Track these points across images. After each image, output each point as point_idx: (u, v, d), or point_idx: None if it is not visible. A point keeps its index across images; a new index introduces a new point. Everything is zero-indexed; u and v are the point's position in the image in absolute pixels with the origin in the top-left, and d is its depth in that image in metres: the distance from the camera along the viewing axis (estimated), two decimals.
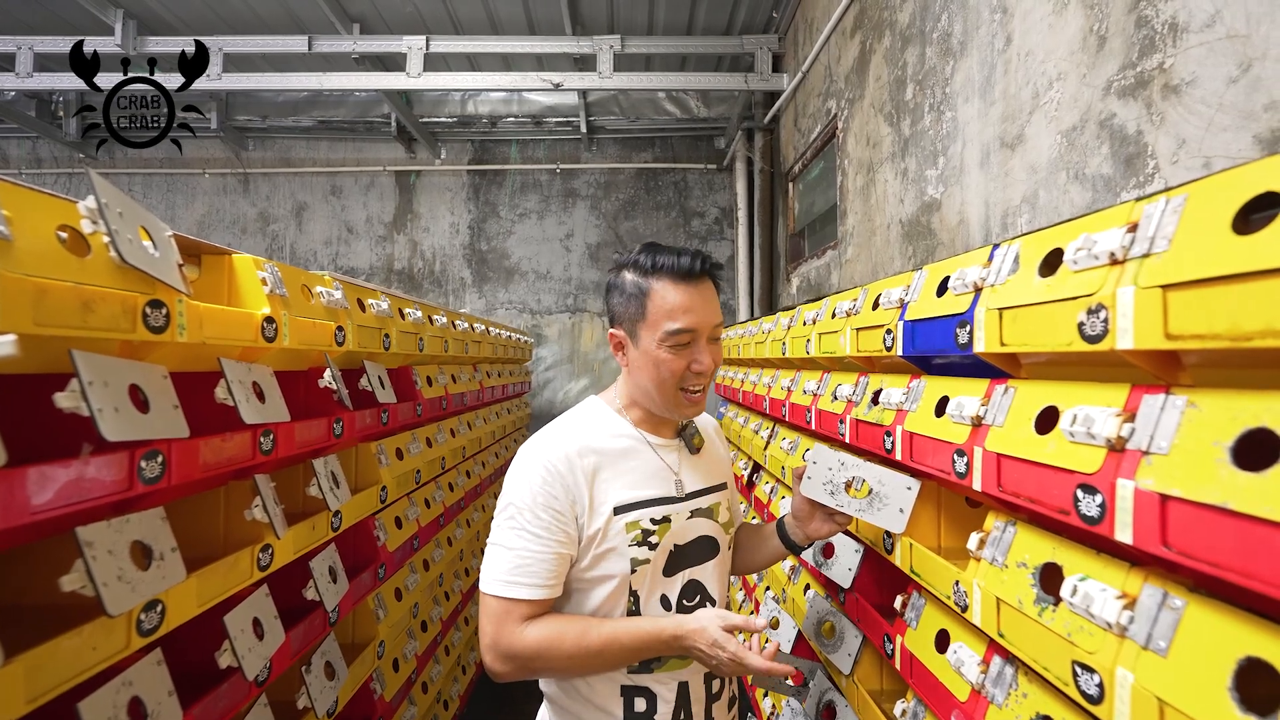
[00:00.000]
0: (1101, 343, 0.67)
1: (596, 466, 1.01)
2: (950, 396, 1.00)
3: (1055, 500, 0.73)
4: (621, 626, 0.98)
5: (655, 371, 1.02)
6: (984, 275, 0.93)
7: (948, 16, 1.88)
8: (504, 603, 0.95)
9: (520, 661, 0.95)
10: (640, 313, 1.02)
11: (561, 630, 0.96)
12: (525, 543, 0.96)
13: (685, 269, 1.01)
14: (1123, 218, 0.68)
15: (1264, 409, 0.53)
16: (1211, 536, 0.55)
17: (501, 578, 0.96)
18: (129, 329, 0.79)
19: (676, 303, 1.00)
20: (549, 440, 1.03)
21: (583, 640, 0.95)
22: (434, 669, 2.14)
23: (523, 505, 0.97)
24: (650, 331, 1.01)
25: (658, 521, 1.04)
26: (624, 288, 1.04)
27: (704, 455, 1.16)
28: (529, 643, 0.94)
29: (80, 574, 0.69)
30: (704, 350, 1.02)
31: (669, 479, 1.07)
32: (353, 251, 5.17)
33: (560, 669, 0.99)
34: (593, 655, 0.96)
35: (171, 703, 0.86)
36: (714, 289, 1.06)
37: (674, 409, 1.06)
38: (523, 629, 0.95)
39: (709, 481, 1.14)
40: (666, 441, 1.11)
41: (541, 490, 0.97)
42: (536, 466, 0.99)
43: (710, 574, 1.10)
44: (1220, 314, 0.55)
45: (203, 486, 1.08)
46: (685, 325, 0.99)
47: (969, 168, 1.78)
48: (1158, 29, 1.14)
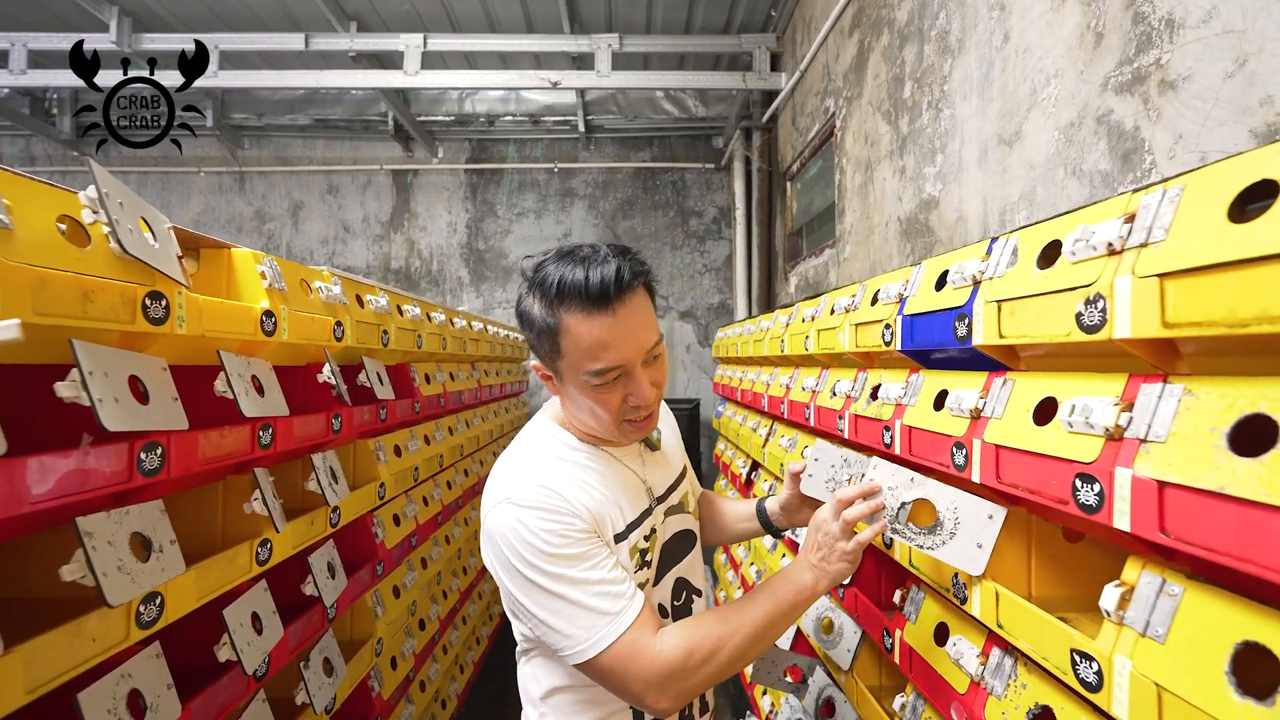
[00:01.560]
0: (1100, 332, 0.67)
1: (577, 497, 0.88)
2: (949, 390, 1.00)
3: (1054, 490, 0.74)
4: (761, 591, 0.89)
5: (588, 410, 0.88)
6: (982, 268, 0.93)
7: (946, 14, 1.89)
8: (623, 640, 0.80)
9: (680, 673, 0.81)
10: (555, 350, 0.85)
11: (696, 622, 0.87)
12: (587, 571, 0.82)
13: (597, 293, 0.80)
14: (1120, 209, 0.69)
15: (1260, 395, 0.53)
16: (1209, 522, 0.55)
17: (598, 623, 0.80)
18: (128, 320, 0.79)
19: (593, 339, 0.82)
20: (519, 482, 0.87)
21: (729, 618, 0.86)
22: (432, 668, 2.14)
23: (552, 548, 0.82)
24: (571, 372, 0.85)
25: (648, 537, 0.95)
26: (533, 321, 0.86)
27: (663, 446, 1.08)
28: (675, 648, 0.82)
29: (80, 564, 0.69)
30: (640, 381, 0.86)
31: (641, 489, 0.98)
32: (349, 251, 5.16)
33: (721, 660, 0.84)
34: (750, 625, 0.85)
35: (170, 696, 0.86)
36: (645, 299, 0.87)
37: (620, 438, 0.93)
38: (659, 642, 0.82)
39: (673, 474, 1.07)
40: (625, 450, 1.00)
41: (555, 523, 0.83)
42: (530, 511, 0.83)
43: (691, 567, 1.05)
44: (1217, 301, 0.55)
45: (201, 480, 1.07)
46: (609, 364, 0.83)
47: (967, 165, 1.78)
48: (1154, 25, 1.15)
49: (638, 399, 0.86)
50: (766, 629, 0.87)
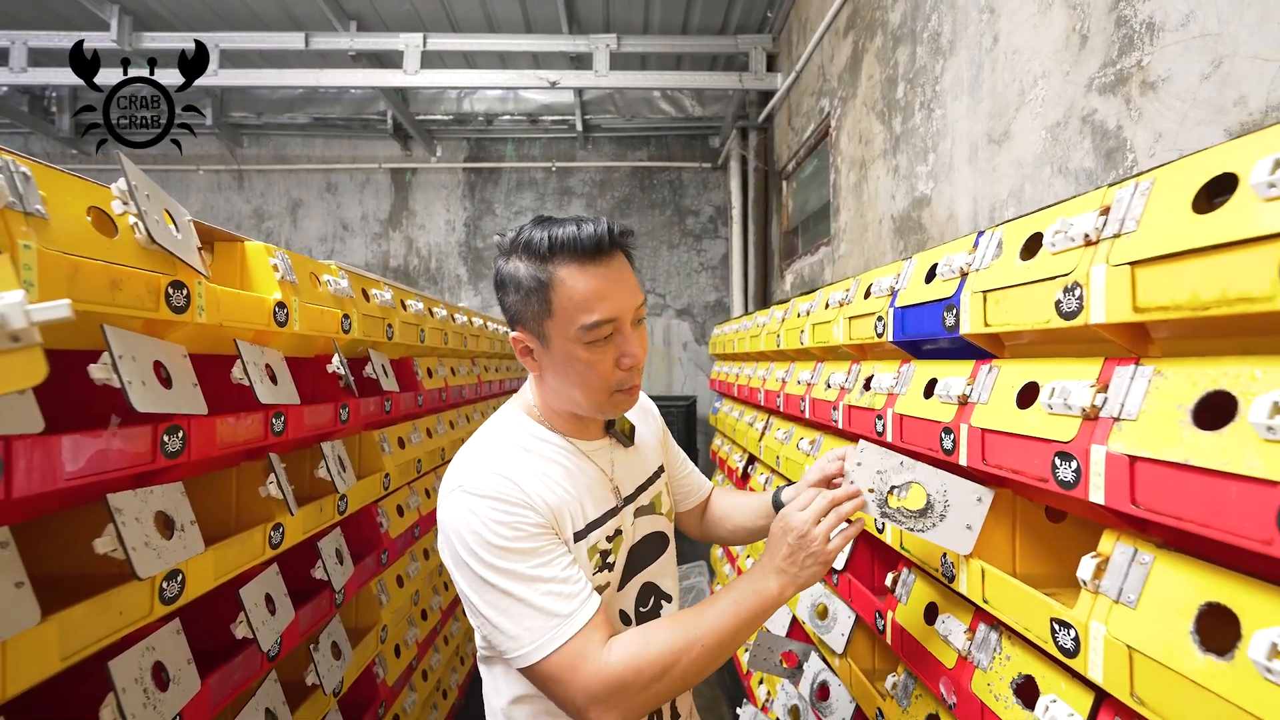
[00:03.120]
0: (1077, 318, 0.72)
1: (537, 490, 0.83)
2: (938, 378, 1.04)
3: (1035, 469, 0.78)
4: (722, 600, 0.83)
5: (577, 375, 0.84)
6: (969, 261, 0.97)
7: (938, 17, 1.93)
8: (569, 646, 0.75)
9: (627, 688, 0.75)
10: (544, 309, 0.81)
11: (648, 631, 0.80)
12: (538, 569, 0.78)
13: (591, 244, 0.80)
14: (1096, 202, 0.73)
15: (1221, 373, 0.58)
16: (1175, 492, 0.59)
17: (544, 625, 0.76)
18: (153, 308, 0.82)
19: (588, 289, 0.80)
20: (482, 463, 0.84)
21: (685, 628, 0.79)
22: (434, 657, 2.17)
23: (503, 541, 0.77)
24: (561, 330, 0.81)
25: (611, 538, 0.90)
26: (519, 281, 0.83)
27: (638, 442, 1.02)
28: (623, 661, 0.76)
29: (111, 538, 0.72)
30: (631, 339, 0.84)
31: (607, 487, 0.93)
32: (348, 249, 5.18)
33: (674, 677, 0.78)
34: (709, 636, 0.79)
35: (190, 670, 0.89)
36: (628, 263, 0.87)
37: (606, 411, 0.89)
38: (607, 652, 0.76)
39: (645, 474, 1.01)
40: (596, 443, 0.95)
41: (508, 515, 0.79)
42: (488, 500, 0.79)
43: (661, 570, 0.99)
44: (1182, 286, 0.60)
45: (217, 465, 1.11)
46: (604, 316, 0.80)
47: (958, 164, 1.83)
48: (1136, 28, 1.19)
49: (631, 358, 0.84)
50: (727, 641, 0.80)
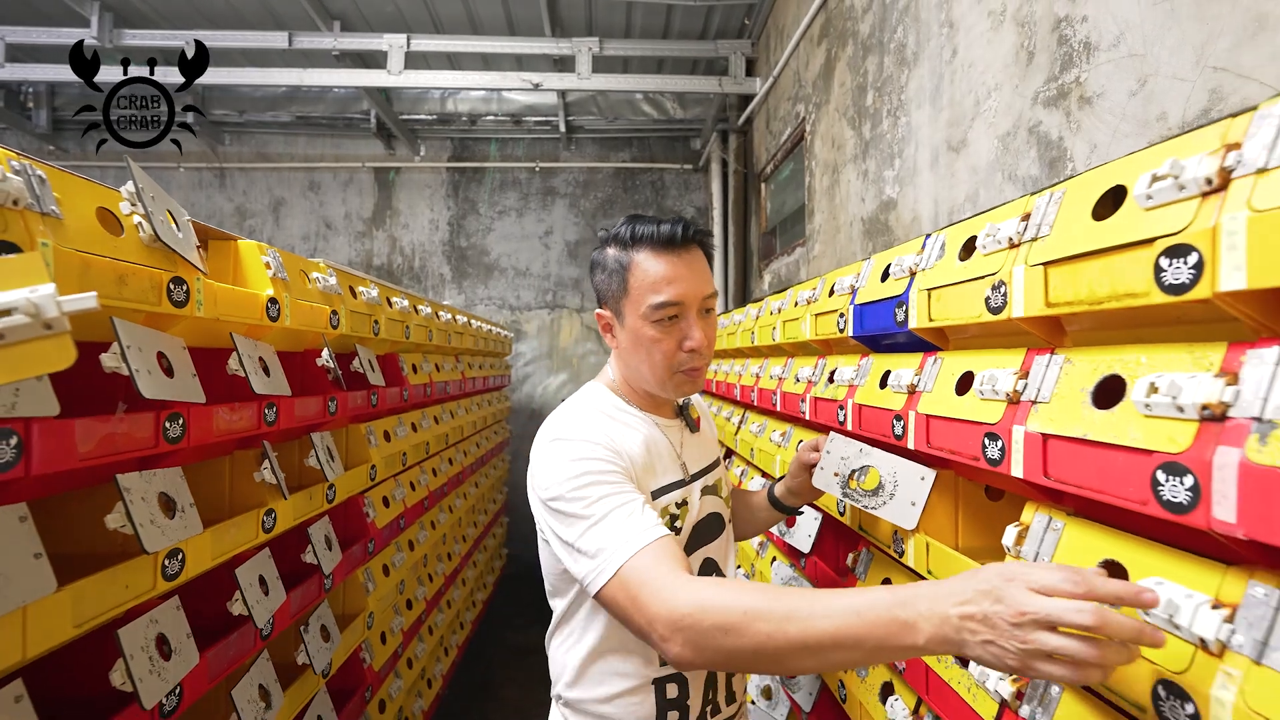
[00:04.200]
0: (1002, 313, 0.80)
1: (623, 445, 0.92)
2: (891, 370, 1.13)
3: (969, 449, 0.86)
4: (844, 595, 0.65)
5: (644, 352, 0.94)
6: (918, 261, 1.06)
7: (903, 29, 2.03)
8: (636, 560, 0.75)
9: (687, 621, 0.69)
10: (622, 288, 0.94)
11: (734, 584, 0.73)
12: (618, 496, 0.83)
13: (667, 236, 0.93)
14: (1020, 209, 0.82)
15: (1115, 359, 0.66)
16: (1077, 464, 0.68)
17: (613, 539, 0.78)
18: (155, 302, 0.88)
19: (659, 274, 0.92)
20: (570, 419, 0.94)
21: (780, 601, 0.67)
22: (418, 646, 2.23)
23: (590, 475, 0.84)
24: (634, 308, 0.94)
25: (680, 505, 0.98)
26: (606, 263, 0.97)
27: (702, 432, 1.12)
28: (694, 592, 0.70)
29: (120, 515, 0.78)
30: (694, 325, 0.94)
31: (677, 461, 1.01)
32: (331, 247, 5.18)
33: (745, 641, 0.66)
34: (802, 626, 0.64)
35: (190, 644, 0.95)
36: (703, 257, 0.98)
37: (670, 390, 0.98)
38: (676, 579, 0.73)
39: (709, 459, 1.10)
40: (669, 421, 1.05)
41: (595, 455, 0.87)
42: (575, 442, 0.88)
43: (721, 551, 1.06)
44: (1083, 284, 0.68)
45: (213, 452, 1.16)
46: (670, 298, 0.92)
47: (921, 169, 1.93)
48: (1075, 47, 1.29)
49: (694, 342, 0.93)
50: (826, 646, 0.64)
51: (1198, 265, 0.55)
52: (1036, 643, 0.53)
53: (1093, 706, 0.67)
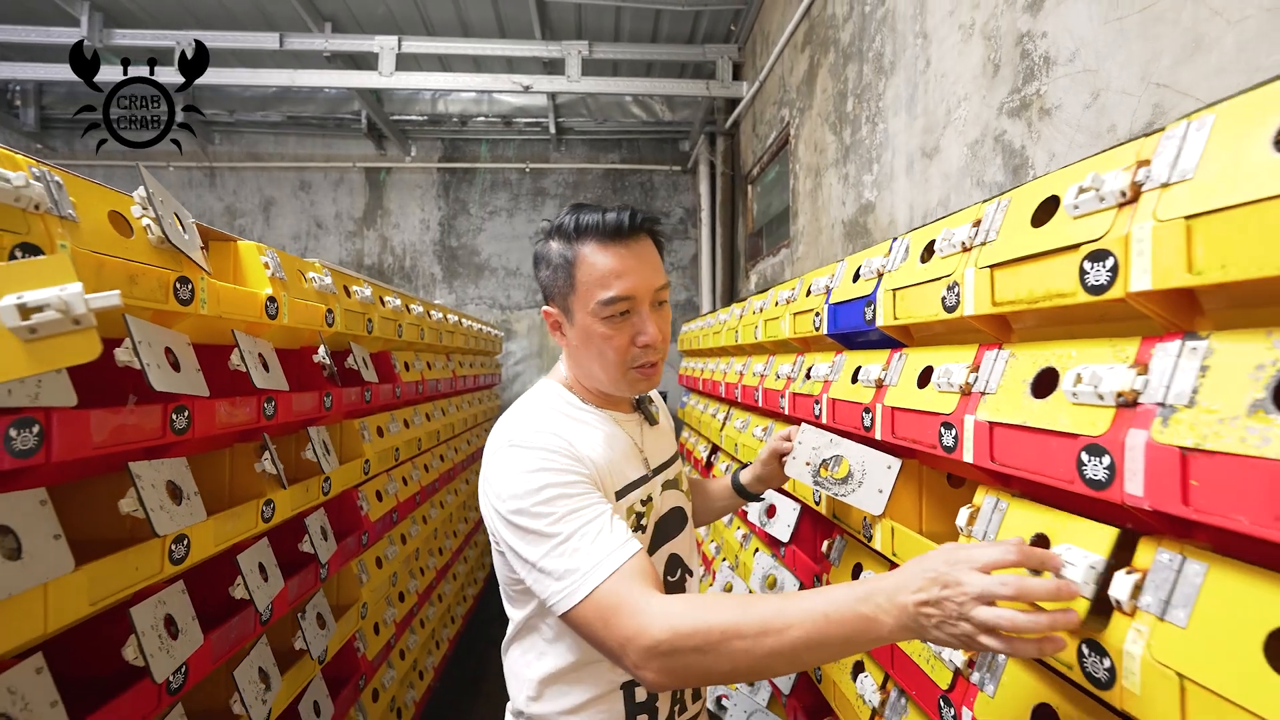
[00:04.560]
0: (956, 311, 0.87)
1: (583, 448, 0.87)
2: (861, 366, 1.20)
3: (928, 439, 0.93)
4: (811, 599, 0.67)
5: (596, 350, 0.89)
6: (884, 263, 1.13)
7: (880, 38, 2.10)
8: (608, 584, 0.72)
9: (662, 644, 0.67)
10: (569, 284, 0.88)
11: (705, 600, 0.71)
12: (583, 512, 0.78)
13: (613, 226, 0.86)
14: (972, 216, 0.88)
15: (1051, 353, 0.73)
16: (1018, 448, 0.74)
17: (582, 562, 0.74)
18: (163, 300, 0.93)
19: (608, 267, 0.86)
20: (526, 423, 0.87)
21: (753, 612, 0.67)
22: (410, 638, 2.27)
23: (552, 489, 0.79)
24: (582, 304, 0.88)
25: (644, 503, 0.95)
26: (550, 258, 0.90)
27: (660, 425, 1.11)
28: (667, 614, 0.69)
29: (133, 500, 0.83)
30: (647, 319, 0.88)
31: (638, 457, 0.97)
32: (321, 247, 5.20)
33: (720, 657, 0.67)
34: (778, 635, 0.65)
35: (195, 625, 1.00)
36: (653, 247, 0.92)
37: (625, 388, 0.93)
38: (649, 600, 0.71)
39: (669, 452, 1.08)
40: (628, 416, 1.02)
41: (557, 463, 0.81)
42: (534, 450, 0.82)
43: (685, 545, 1.04)
44: (1023, 285, 0.75)
45: (213, 445, 1.21)
46: (620, 292, 0.86)
47: (897, 174, 2.00)
48: (1036, 61, 1.36)
49: (647, 337, 0.88)
50: (801, 652, 0.65)
51: (1114, 268, 0.61)
52: (980, 619, 0.58)
53: (1031, 670, 0.73)
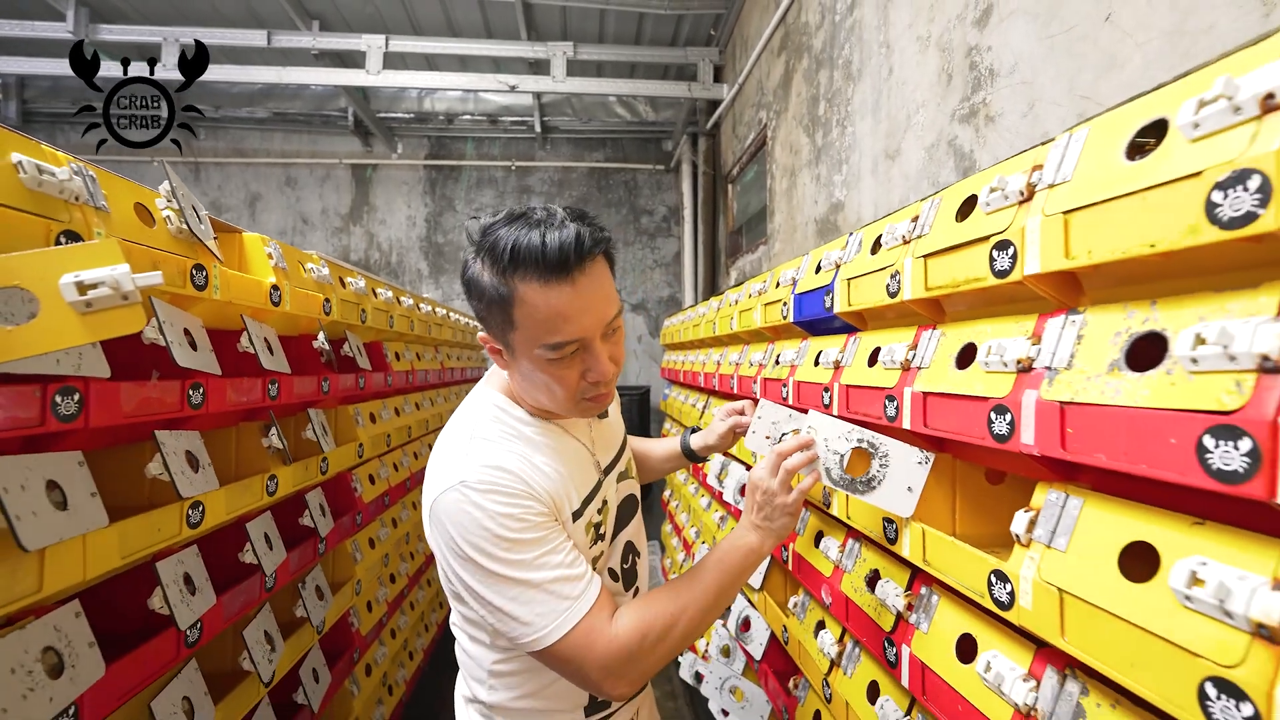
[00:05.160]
0: (897, 297, 0.98)
1: (534, 479, 0.83)
2: (823, 350, 1.31)
3: (876, 410, 1.04)
4: (708, 561, 0.89)
5: (543, 386, 0.83)
6: (842, 255, 1.24)
7: (849, 46, 2.23)
8: (581, 626, 0.78)
9: (635, 654, 0.79)
10: (508, 322, 0.79)
11: (647, 600, 0.84)
12: (546, 556, 0.78)
13: (555, 262, 0.74)
14: (911, 213, 1.00)
15: (971, 331, 0.85)
16: (945, 414, 0.86)
17: (556, 608, 0.77)
18: (181, 285, 1.01)
19: (552, 310, 0.76)
20: (475, 457, 0.81)
21: (681, 591, 0.85)
22: (401, 619, 2.36)
23: (511, 533, 0.77)
24: (525, 345, 0.79)
25: (601, 510, 0.94)
26: (483, 291, 0.79)
27: (610, 416, 1.07)
28: (629, 630, 0.80)
29: (159, 464, 0.91)
30: (598, 355, 0.81)
31: (590, 462, 0.95)
32: (308, 243, 5.24)
33: (676, 637, 0.82)
34: (703, 596, 0.85)
35: (208, 586, 1.09)
36: (605, 269, 0.82)
37: (575, 414, 0.88)
38: (614, 626, 0.80)
39: (617, 442, 1.06)
40: (575, 421, 0.95)
41: (513, 507, 0.78)
42: (489, 493, 0.78)
43: (636, 529, 1.05)
44: (949, 271, 0.86)
45: (222, 422, 1.29)
46: (568, 337, 0.78)
47: (863, 175, 2.12)
48: (982, 72, 1.49)
49: (596, 374, 0.81)
50: (718, 598, 0.86)
51: (1014, 256, 0.73)
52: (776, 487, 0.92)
53: (956, 603, 0.85)
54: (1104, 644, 0.59)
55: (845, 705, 1.12)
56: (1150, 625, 0.54)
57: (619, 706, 0.98)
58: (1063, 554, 0.66)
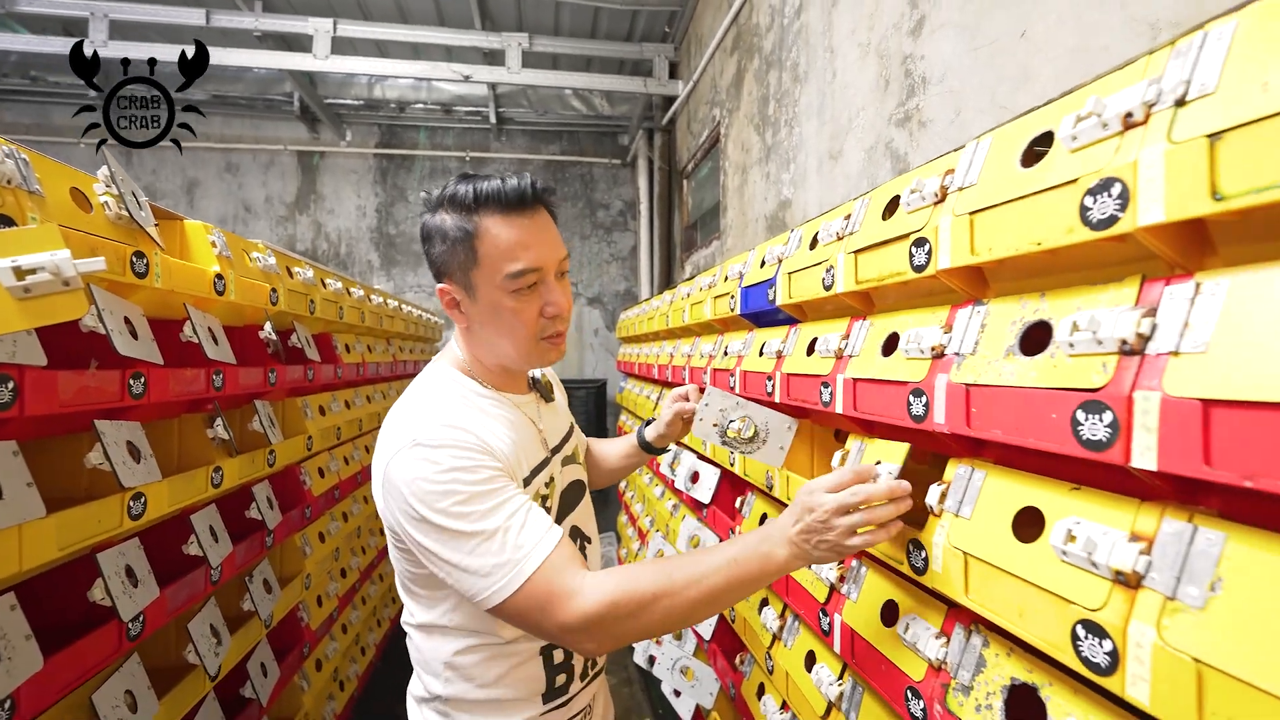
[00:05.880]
0: (831, 290, 1.05)
1: (490, 438, 0.84)
2: (767, 340, 1.38)
3: (812, 396, 1.11)
4: (723, 554, 0.79)
5: (505, 324, 0.87)
6: (784, 251, 1.31)
7: (797, 49, 2.30)
8: (538, 575, 0.75)
9: (601, 622, 0.75)
10: (471, 258, 0.84)
11: (635, 571, 0.78)
12: (503, 506, 0.78)
13: (515, 197, 0.84)
14: (844, 211, 1.07)
15: (895, 322, 0.92)
16: (872, 398, 0.93)
17: (510, 558, 0.75)
18: (120, 273, 0.99)
19: (514, 239, 0.84)
20: (430, 417, 0.83)
21: (674, 571, 0.77)
22: (353, 614, 2.33)
23: (468, 487, 0.77)
24: (488, 278, 0.85)
25: (548, 484, 0.95)
26: (446, 232, 0.85)
27: (555, 401, 1.10)
28: (602, 595, 0.75)
29: (100, 454, 0.90)
30: (554, 289, 0.88)
31: (538, 438, 0.97)
32: (251, 231, 5.05)
33: (654, 617, 0.76)
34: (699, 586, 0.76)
35: (151, 579, 1.07)
36: (551, 219, 0.90)
37: (534, 359, 0.91)
38: (580, 581, 0.76)
39: (565, 427, 1.09)
40: (525, 397, 0.99)
41: (470, 460, 0.79)
42: (444, 448, 0.79)
43: (584, 516, 1.06)
44: (875, 266, 0.93)
45: (164, 413, 1.26)
46: (529, 264, 0.84)
47: (809, 174, 2.21)
48: (916, 79, 1.58)
49: (554, 307, 0.87)
50: (719, 595, 0.77)
51: (929, 252, 0.80)
52: (841, 526, 0.75)
53: (881, 575, 0.92)
54: (999, 599, 0.66)
55: (786, 675, 1.19)
56: (1035, 579, 0.61)
57: (576, 692, 0.97)
58: (968, 521, 0.73)
